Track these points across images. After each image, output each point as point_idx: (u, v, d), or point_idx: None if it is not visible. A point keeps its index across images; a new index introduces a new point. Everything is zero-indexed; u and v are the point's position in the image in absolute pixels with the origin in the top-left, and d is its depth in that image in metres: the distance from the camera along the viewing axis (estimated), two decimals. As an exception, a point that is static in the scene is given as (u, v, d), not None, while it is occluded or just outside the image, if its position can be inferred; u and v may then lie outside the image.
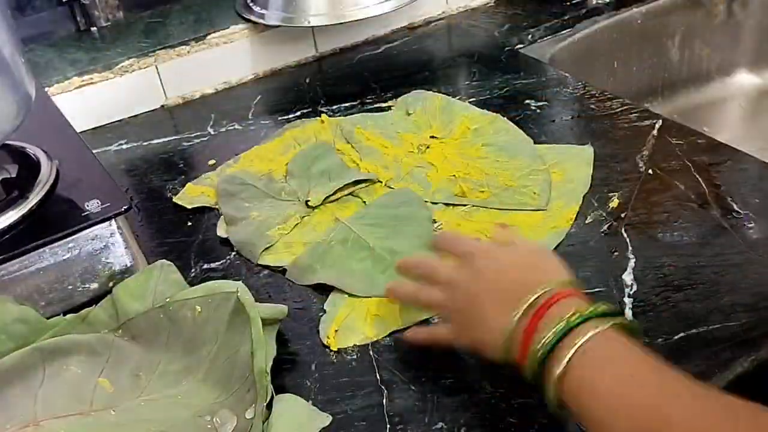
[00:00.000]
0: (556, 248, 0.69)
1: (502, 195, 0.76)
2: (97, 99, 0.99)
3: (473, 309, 0.52)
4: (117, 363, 0.58)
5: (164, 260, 0.65)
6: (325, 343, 0.62)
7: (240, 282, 0.59)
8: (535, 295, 0.49)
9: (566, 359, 0.45)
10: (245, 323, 0.57)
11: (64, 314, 0.62)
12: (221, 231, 0.77)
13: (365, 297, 0.66)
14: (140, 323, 0.60)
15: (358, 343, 0.62)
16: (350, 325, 0.63)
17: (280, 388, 0.58)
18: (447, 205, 0.76)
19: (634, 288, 0.64)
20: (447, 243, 0.60)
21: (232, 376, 0.56)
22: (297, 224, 0.75)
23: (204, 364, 0.57)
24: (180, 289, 0.61)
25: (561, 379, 0.45)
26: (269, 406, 0.55)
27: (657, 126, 0.84)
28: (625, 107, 0.89)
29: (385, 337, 0.62)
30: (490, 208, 0.75)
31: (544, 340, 0.46)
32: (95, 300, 0.64)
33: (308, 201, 0.77)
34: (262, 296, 0.68)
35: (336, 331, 0.63)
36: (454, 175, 0.80)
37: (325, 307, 0.66)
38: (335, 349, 0.61)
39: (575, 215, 0.73)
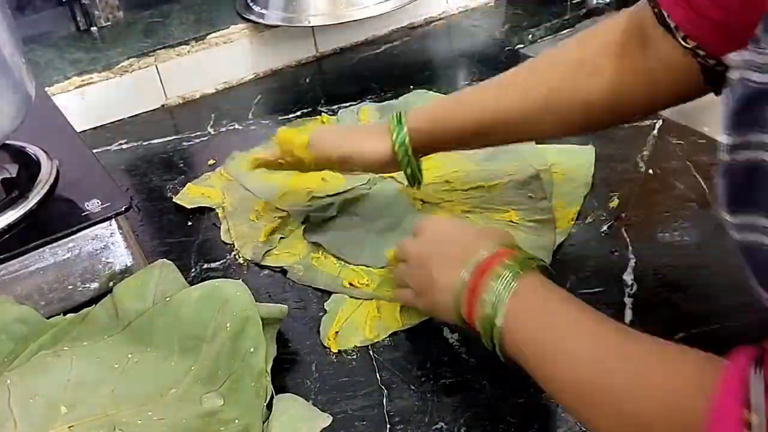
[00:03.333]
0: (558, 248, 0.69)
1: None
2: (97, 99, 0.99)
3: (424, 271, 0.56)
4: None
5: (164, 260, 0.65)
6: (326, 344, 0.62)
7: (240, 281, 0.59)
8: (478, 255, 0.52)
9: (505, 306, 0.49)
10: (245, 323, 0.57)
11: (64, 314, 0.63)
12: (225, 236, 0.76)
13: (365, 299, 0.66)
14: (141, 324, 0.60)
15: (358, 345, 0.62)
16: (350, 327, 0.63)
17: (280, 388, 0.58)
18: (448, 201, 0.76)
19: (634, 288, 0.64)
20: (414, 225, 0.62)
21: (232, 375, 0.56)
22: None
23: (204, 363, 0.57)
24: (180, 289, 0.61)
25: (502, 336, 0.49)
26: (269, 406, 0.55)
27: (657, 126, 0.84)
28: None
29: (386, 338, 0.62)
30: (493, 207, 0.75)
31: (487, 302, 0.50)
32: (95, 300, 0.64)
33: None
34: (262, 296, 0.68)
35: (336, 332, 0.63)
36: (456, 171, 0.80)
37: (325, 307, 0.65)
38: (336, 351, 0.61)
39: (576, 215, 0.73)
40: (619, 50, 0.58)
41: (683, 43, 0.53)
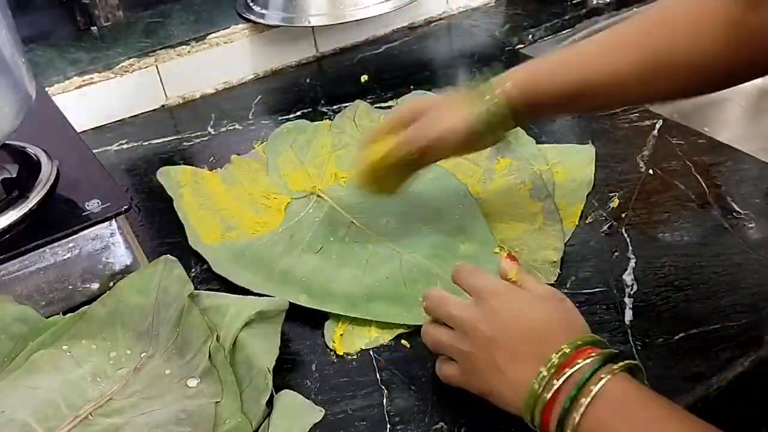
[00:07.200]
0: (556, 248, 0.69)
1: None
2: (97, 99, 0.99)
3: (486, 355, 0.50)
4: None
5: (168, 256, 0.65)
6: (331, 347, 0.62)
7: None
8: (558, 355, 0.47)
9: (582, 408, 0.44)
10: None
11: (64, 314, 0.62)
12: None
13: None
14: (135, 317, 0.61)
15: (363, 347, 0.61)
16: (355, 329, 0.63)
17: (280, 388, 0.58)
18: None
19: (635, 288, 0.64)
20: (460, 276, 0.56)
21: (243, 376, 0.56)
22: None
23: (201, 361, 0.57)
24: (183, 285, 0.61)
25: (577, 428, 0.45)
26: (269, 403, 0.55)
27: (657, 126, 0.84)
28: (626, 107, 0.89)
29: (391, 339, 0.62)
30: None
31: (564, 399, 0.45)
32: (95, 300, 0.64)
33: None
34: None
35: (341, 335, 0.62)
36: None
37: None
38: (341, 353, 0.61)
39: (580, 214, 0.73)
40: (730, 13, 0.54)
41: None
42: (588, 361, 0.46)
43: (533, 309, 0.51)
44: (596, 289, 0.64)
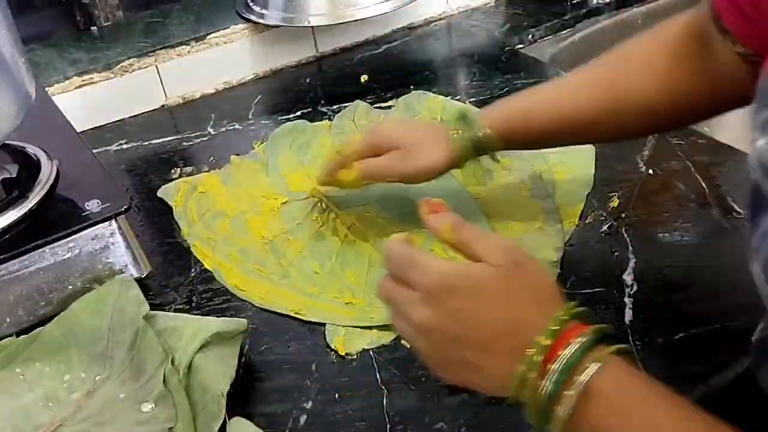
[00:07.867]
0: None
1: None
2: (97, 99, 0.99)
3: (456, 354, 0.44)
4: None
5: (125, 275, 0.64)
6: (333, 347, 0.61)
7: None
8: (539, 345, 0.41)
9: (571, 403, 0.40)
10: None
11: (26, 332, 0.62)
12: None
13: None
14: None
15: (365, 347, 0.61)
16: (357, 330, 0.63)
17: (281, 389, 0.58)
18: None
19: (634, 288, 0.64)
20: (397, 267, 0.46)
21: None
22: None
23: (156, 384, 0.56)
24: (139, 306, 0.60)
25: (566, 423, 0.41)
26: (222, 430, 0.53)
27: (657, 126, 0.84)
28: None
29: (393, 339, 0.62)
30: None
31: (546, 384, 0.41)
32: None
33: None
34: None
35: (343, 335, 0.62)
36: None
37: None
38: (343, 354, 0.61)
39: (580, 214, 0.73)
40: (679, 50, 0.57)
41: (737, 49, 0.51)
42: (575, 346, 0.40)
43: (496, 299, 0.43)
44: (596, 289, 0.64)
